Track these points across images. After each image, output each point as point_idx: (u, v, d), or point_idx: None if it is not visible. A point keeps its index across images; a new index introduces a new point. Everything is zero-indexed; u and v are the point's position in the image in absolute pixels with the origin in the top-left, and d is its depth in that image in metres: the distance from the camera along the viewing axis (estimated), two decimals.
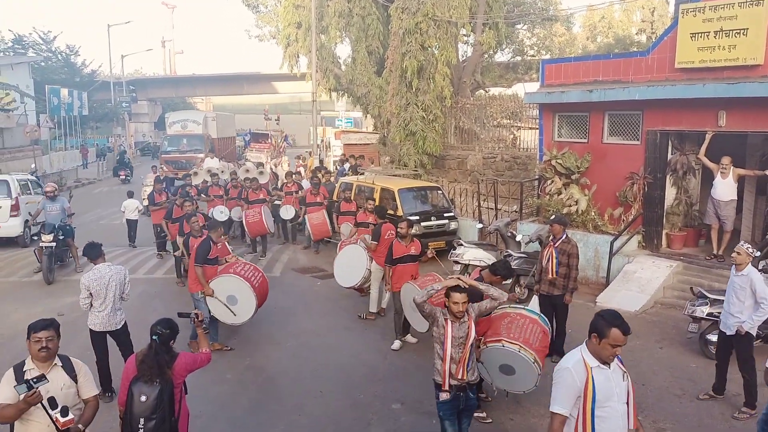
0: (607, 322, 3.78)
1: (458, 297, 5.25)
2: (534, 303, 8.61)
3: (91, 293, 7.04)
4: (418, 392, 7.44)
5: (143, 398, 4.49)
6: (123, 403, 4.60)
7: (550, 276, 8.28)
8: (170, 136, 30.59)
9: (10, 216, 15.13)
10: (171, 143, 30.03)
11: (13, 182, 15.75)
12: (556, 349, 7.89)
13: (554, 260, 8.24)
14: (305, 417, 6.89)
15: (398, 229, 8.99)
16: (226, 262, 9.00)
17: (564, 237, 8.37)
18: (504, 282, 10.85)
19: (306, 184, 16.71)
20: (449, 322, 5.28)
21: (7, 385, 4.22)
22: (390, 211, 12.93)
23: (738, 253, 6.82)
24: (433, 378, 5.45)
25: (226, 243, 10.40)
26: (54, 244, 12.22)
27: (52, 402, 4.06)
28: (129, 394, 4.54)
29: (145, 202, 17.65)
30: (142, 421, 4.46)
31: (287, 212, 15.36)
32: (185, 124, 30.79)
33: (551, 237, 8.50)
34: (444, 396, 5.31)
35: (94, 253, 7.26)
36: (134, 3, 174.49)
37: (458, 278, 5.48)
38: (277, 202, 15.76)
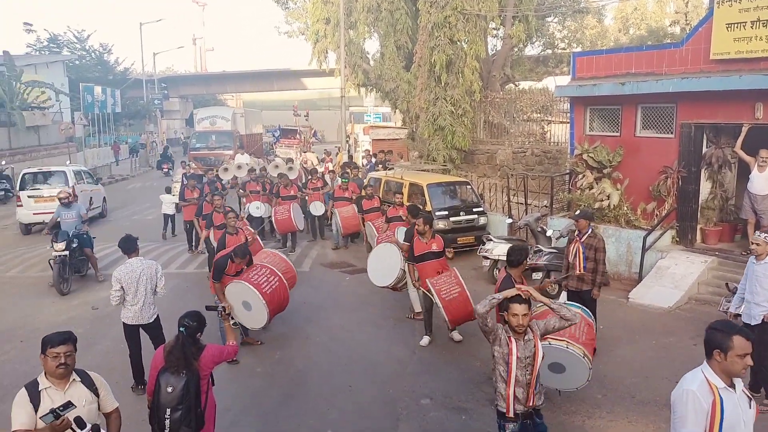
0: (725, 332, 3.48)
1: (518, 309, 4.65)
2: (563, 299, 8.54)
3: (122, 287, 7.14)
4: (448, 387, 7.44)
5: (170, 389, 4.56)
6: (151, 393, 4.69)
7: (577, 271, 8.21)
8: (198, 133, 30.35)
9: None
10: (199, 140, 29.72)
11: (69, 172, 17.87)
12: None
13: (581, 255, 8.17)
14: (335, 411, 6.93)
15: (416, 227, 8.83)
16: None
17: (590, 231, 8.31)
18: (534, 276, 10.88)
19: (328, 179, 16.80)
20: (513, 341, 4.68)
21: (23, 409, 3.90)
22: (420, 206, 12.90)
23: (757, 244, 6.81)
24: (495, 405, 4.85)
25: (258, 239, 10.63)
26: (66, 253, 11.48)
27: (80, 422, 3.74)
28: (156, 384, 4.62)
29: (175, 199, 17.89)
30: (168, 411, 4.53)
31: (316, 208, 15.29)
32: (213, 120, 30.69)
33: (576, 232, 8.42)
34: (511, 427, 4.74)
35: (129, 246, 7.36)
36: (166, 1, 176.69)
37: (519, 288, 4.87)
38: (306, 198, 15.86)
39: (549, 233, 11.69)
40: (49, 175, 17.79)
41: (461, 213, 13.68)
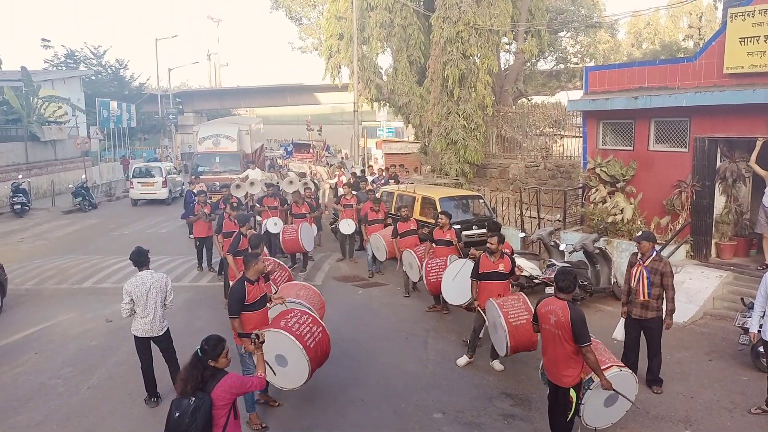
0: None
1: None
2: (620, 326, 8.34)
3: (132, 299, 7.16)
4: (460, 402, 7.41)
5: (176, 414, 4.31)
6: None
7: (641, 298, 7.51)
8: (201, 154, 26.37)
9: (162, 187, 26.40)
10: (202, 162, 25.90)
11: (163, 167, 27.45)
12: (653, 374, 7.63)
13: (645, 281, 7.47)
14: (347, 424, 6.92)
15: (488, 244, 8.32)
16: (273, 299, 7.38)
17: (654, 254, 7.56)
18: (547, 290, 10.83)
19: (341, 191, 16.38)
20: None
21: None
22: (431, 220, 12.90)
23: None
24: None
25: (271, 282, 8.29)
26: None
27: None
28: (170, 407, 4.40)
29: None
30: None
31: (348, 227, 14.46)
32: (217, 140, 26.57)
33: (639, 255, 7.66)
34: None
35: (141, 259, 7.36)
36: (181, 17, 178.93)
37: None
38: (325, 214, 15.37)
39: (562, 247, 11.66)
40: (149, 169, 27.24)
41: (474, 227, 13.66)
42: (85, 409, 7.33)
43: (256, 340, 5.16)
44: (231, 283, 8.16)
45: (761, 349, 7.86)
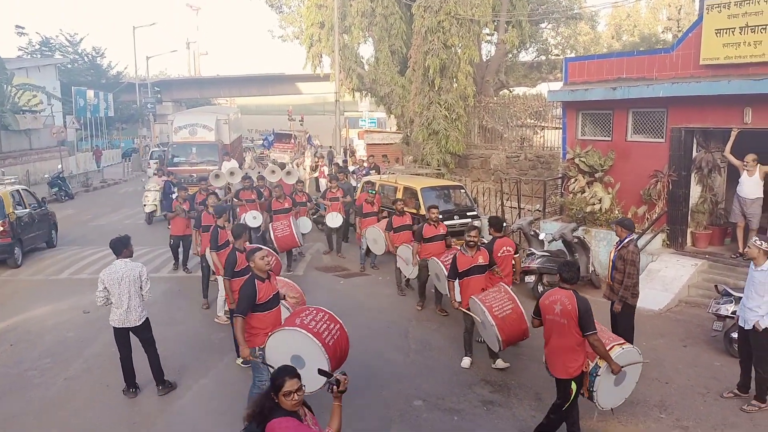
0: None
1: None
2: None
3: (106, 288, 7.09)
4: (441, 389, 7.47)
5: None
6: None
7: (608, 280, 7.90)
8: (176, 144, 24.99)
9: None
10: (177, 153, 24.54)
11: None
12: None
13: (611, 264, 7.81)
14: (328, 412, 6.91)
15: (466, 238, 8.05)
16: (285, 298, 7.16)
17: (625, 241, 7.68)
18: (527, 279, 10.95)
19: (323, 183, 16.12)
20: None
21: None
22: (413, 210, 12.94)
23: (749, 248, 6.88)
24: None
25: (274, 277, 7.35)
26: None
27: None
28: None
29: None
30: None
31: (334, 219, 14.08)
32: (194, 129, 25.39)
33: (617, 240, 7.88)
34: None
35: (117, 247, 7.25)
36: (159, 5, 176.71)
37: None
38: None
39: (541, 237, 11.77)
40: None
41: (455, 217, 13.70)
42: (62, 400, 7.28)
43: (336, 386, 4.19)
44: (229, 284, 7.88)
45: (734, 335, 8.02)
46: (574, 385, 5.80)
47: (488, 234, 9.16)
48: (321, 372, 4.39)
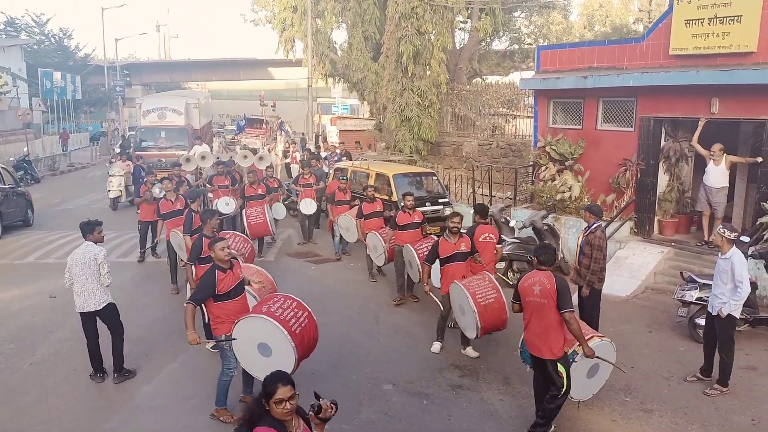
0: None
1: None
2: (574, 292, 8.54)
3: (69, 270, 7.09)
4: (410, 373, 7.51)
5: None
6: None
7: (576, 265, 8.04)
8: (145, 129, 24.52)
9: None
10: (146, 137, 24.08)
11: None
12: None
13: (578, 249, 7.96)
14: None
15: (449, 225, 8.00)
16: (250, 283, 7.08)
17: (593, 227, 7.80)
18: (497, 266, 11.02)
19: (295, 170, 15.91)
20: None
21: None
22: (385, 197, 12.93)
23: (714, 236, 7.05)
24: None
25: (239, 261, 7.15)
26: None
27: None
28: None
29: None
30: None
31: (308, 207, 13.85)
32: (163, 113, 25.01)
33: (586, 225, 8.03)
34: None
35: (84, 230, 7.25)
36: None
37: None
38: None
39: (512, 224, 11.88)
40: None
41: (427, 203, 13.72)
42: (27, 385, 7.16)
43: (314, 410, 4.03)
44: (194, 270, 7.92)
45: (699, 320, 8.19)
46: (562, 369, 5.84)
47: (472, 221, 9.18)
48: (317, 395, 4.09)
